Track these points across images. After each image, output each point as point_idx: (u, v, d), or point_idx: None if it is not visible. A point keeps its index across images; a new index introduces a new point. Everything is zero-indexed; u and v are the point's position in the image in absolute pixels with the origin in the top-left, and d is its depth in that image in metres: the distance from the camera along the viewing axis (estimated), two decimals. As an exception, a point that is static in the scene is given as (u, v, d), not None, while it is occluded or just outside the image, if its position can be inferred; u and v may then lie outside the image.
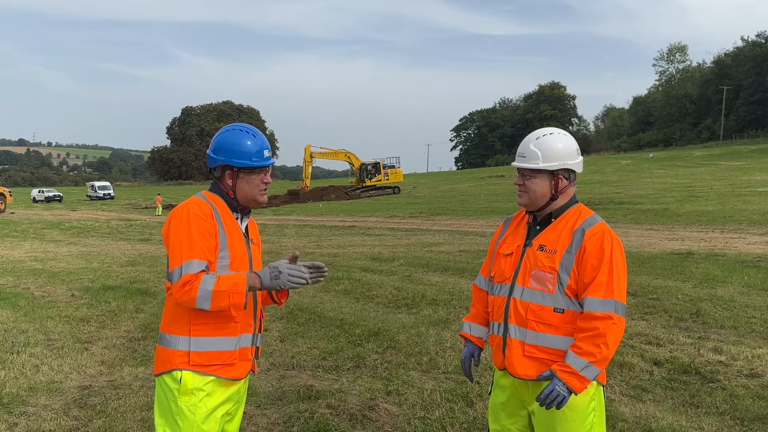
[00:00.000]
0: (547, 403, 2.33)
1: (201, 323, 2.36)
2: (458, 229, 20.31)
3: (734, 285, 8.57)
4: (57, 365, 5.42)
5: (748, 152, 64.10)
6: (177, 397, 2.34)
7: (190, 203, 2.39)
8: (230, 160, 2.43)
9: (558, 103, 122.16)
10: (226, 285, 2.25)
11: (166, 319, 2.45)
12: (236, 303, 2.27)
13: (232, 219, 2.47)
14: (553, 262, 2.42)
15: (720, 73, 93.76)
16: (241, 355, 2.46)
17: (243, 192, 2.47)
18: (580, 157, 2.55)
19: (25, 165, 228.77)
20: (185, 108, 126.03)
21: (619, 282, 2.36)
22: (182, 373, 2.34)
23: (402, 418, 4.18)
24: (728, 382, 4.76)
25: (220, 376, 2.39)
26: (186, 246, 2.29)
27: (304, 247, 16.28)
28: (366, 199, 46.28)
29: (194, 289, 2.23)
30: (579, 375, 2.31)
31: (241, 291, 2.27)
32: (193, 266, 2.26)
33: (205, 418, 2.36)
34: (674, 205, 24.60)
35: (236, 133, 2.47)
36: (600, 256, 2.36)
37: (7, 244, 17.75)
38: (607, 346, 2.30)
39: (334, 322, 6.90)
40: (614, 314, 2.31)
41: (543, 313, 2.43)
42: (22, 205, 50.52)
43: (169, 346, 2.38)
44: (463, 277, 10.09)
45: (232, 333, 2.41)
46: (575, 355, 2.32)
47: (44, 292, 9.08)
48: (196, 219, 2.33)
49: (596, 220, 2.47)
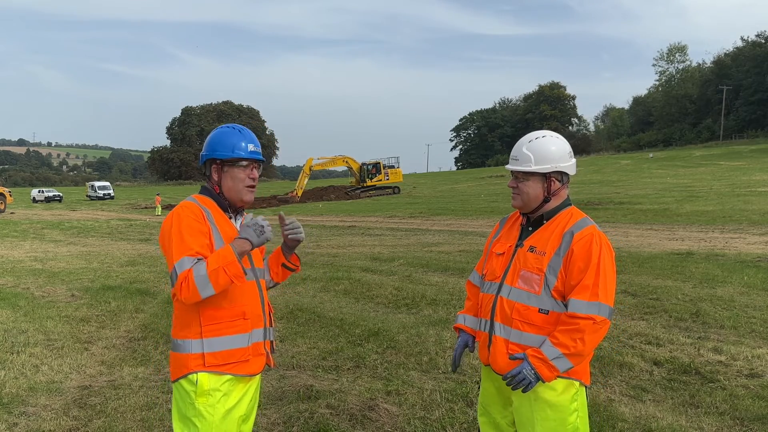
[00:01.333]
0: (513, 385, 2.38)
1: (212, 324, 2.38)
2: (458, 229, 20.31)
3: (734, 285, 8.57)
4: (57, 365, 5.42)
5: (748, 152, 64.11)
6: (194, 399, 2.36)
7: (179, 207, 2.42)
8: (213, 153, 2.48)
9: (558, 103, 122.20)
10: (216, 262, 2.26)
11: (176, 325, 2.46)
12: (235, 273, 2.28)
13: (224, 218, 2.49)
14: (542, 264, 2.45)
15: (720, 73, 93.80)
16: (254, 350, 2.48)
17: (228, 188, 2.49)
18: (573, 159, 2.57)
19: (25, 165, 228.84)
20: (185, 108, 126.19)
21: (605, 285, 2.36)
22: (198, 375, 2.35)
23: (402, 418, 4.18)
24: (728, 382, 4.76)
25: (237, 374, 2.41)
26: (176, 246, 2.30)
27: (304, 247, 16.26)
28: (366, 199, 46.29)
29: (190, 280, 2.24)
30: (549, 363, 2.35)
31: (233, 260, 2.28)
32: (185, 263, 2.27)
33: (223, 418, 2.39)
34: (674, 205, 24.60)
35: (222, 129, 2.54)
36: (587, 259, 2.37)
37: (7, 244, 17.74)
38: (583, 342, 2.32)
39: (334, 322, 6.90)
40: (597, 316, 2.32)
41: (528, 313, 2.47)
42: (22, 205, 50.52)
43: (183, 350, 2.40)
44: (462, 277, 10.09)
45: (243, 330, 2.43)
46: (551, 344, 2.37)
47: (44, 292, 9.08)
48: (185, 219, 2.35)
49: (586, 224, 2.47)
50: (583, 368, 2.48)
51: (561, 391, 2.43)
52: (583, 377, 2.49)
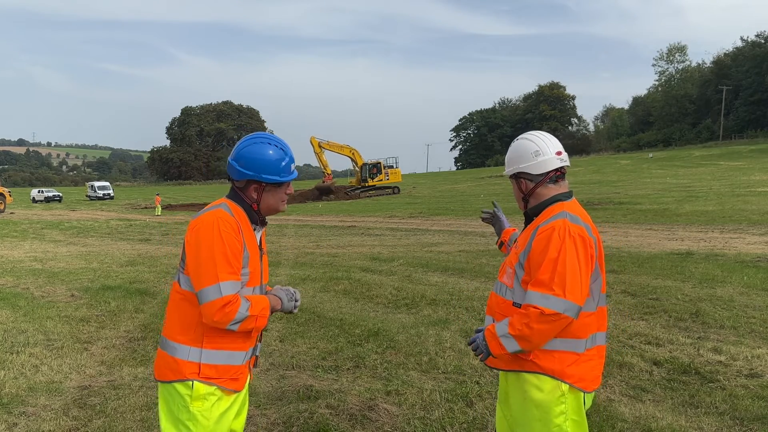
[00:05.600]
0: (473, 350, 2.55)
1: (216, 336, 2.36)
2: (458, 229, 20.30)
3: (734, 285, 8.57)
4: (57, 365, 5.42)
5: (747, 152, 64.15)
6: (189, 403, 2.34)
7: (221, 219, 2.32)
8: (259, 176, 2.38)
9: (557, 103, 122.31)
10: (256, 309, 2.32)
11: (174, 326, 2.41)
12: (260, 326, 2.37)
13: (251, 233, 2.45)
14: (516, 258, 2.53)
15: (719, 73, 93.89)
16: (245, 368, 2.50)
17: (267, 204, 2.46)
18: (541, 157, 2.54)
19: (25, 165, 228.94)
20: (185, 108, 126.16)
21: (562, 280, 2.31)
22: (194, 381, 2.35)
23: (401, 418, 4.18)
24: (728, 382, 4.76)
25: (226, 388, 2.41)
26: (222, 265, 2.26)
27: (303, 247, 16.27)
28: (366, 199, 46.32)
29: (234, 312, 2.25)
30: (497, 339, 2.44)
31: (266, 315, 2.36)
32: (230, 287, 2.26)
33: (218, 421, 2.39)
34: (674, 205, 24.60)
35: (265, 146, 2.40)
36: (543, 253, 2.37)
37: (6, 244, 17.74)
38: (530, 329, 2.34)
39: (334, 322, 6.90)
40: (546, 308, 2.31)
41: (505, 306, 2.54)
42: (21, 205, 50.51)
43: (179, 355, 2.36)
44: (462, 277, 10.09)
45: (242, 347, 2.43)
46: (505, 323, 2.45)
47: (44, 292, 9.08)
48: (229, 237, 2.29)
49: (554, 218, 2.44)
50: (574, 371, 2.42)
51: (547, 391, 2.43)
52: (575, 381, 2.43)
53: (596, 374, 2.51)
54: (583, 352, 2.44)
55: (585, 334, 2.45)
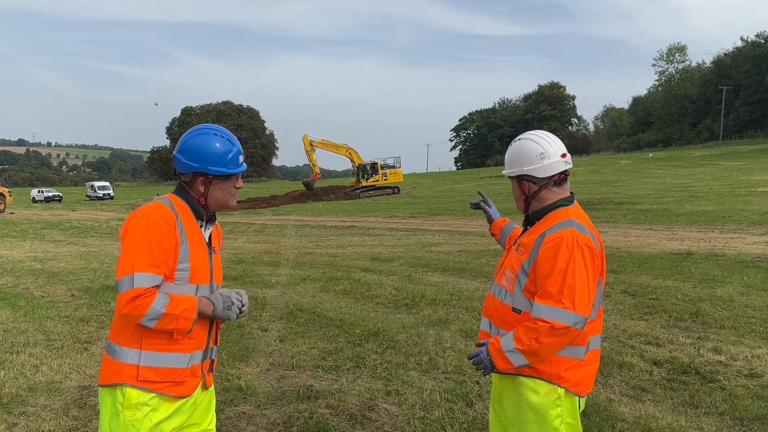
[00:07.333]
0: (474, 365, 2.48)
1: (155, 336, 2.24)
2: (458, 229, 20.30)
3: (734, 285, 8.57)
4: (56, 365, 5.42)
5: (747, 152, 64.13)
6: (120, 411, 2.24)
7: (154, 209, 2.25)
8: (206, 168, 2.31)
9: (557, 103, 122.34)
10: (177, 309, 2.18)
11: (115, 326, 2.31)
12: (181, 328, 2.21)
13: (195, 228, 2.35)
14: (519, 264, 2.48)
15: (719, 73, 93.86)
16: (192, 372, 2.35)
17: (215, 198, 2.37)
18: (546, 160, 2.48)
19: (25, 165, 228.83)
20: (185, 108, 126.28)
21: (572, 292, 2.29)
22: (127, 388, 2.23)
23: (401, 418, 4.18)
24: (728, 382, 4.76)
25: (166, 394, 2.28)
26: (142, 255, 2.16)
27: (303, 247, 16.27)
28: (366, 199, 46.28)
29: (145, 306, 2.14)
30: (503, 354, 2.39)
31: (190, 317, 2.21)
32: (146, 279, 2.15)
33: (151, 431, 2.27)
34: (674, 205, 24.60)
35: (211, 138, 2.34)
36: (552, 263, 2.33)
37: (6, 244, 17.73)
38: (538, 343, 2.31)
39: (334, 322, 6.90)
40: (555, 322, 2.28)
41: (504, 311, 2.51)
42: (21, 205, 50.49)
43: (118, 357, 2.26)
44: (462, 277, 10.09)
45: (185, 349, 2.31)
46: (510, 337, 2.40)
47: (44, 292, 9.08)
48: (157, 228, 2.20)
49: (562, 226, 2.39)
50: (571, 376, 2.42)
51: (543, 394, 2.42)
52: (571, 385, 2.42)
53: (591, 378, 2.51)
54: (582, 358, 2.45)
55: (585, 341, 2.45)
